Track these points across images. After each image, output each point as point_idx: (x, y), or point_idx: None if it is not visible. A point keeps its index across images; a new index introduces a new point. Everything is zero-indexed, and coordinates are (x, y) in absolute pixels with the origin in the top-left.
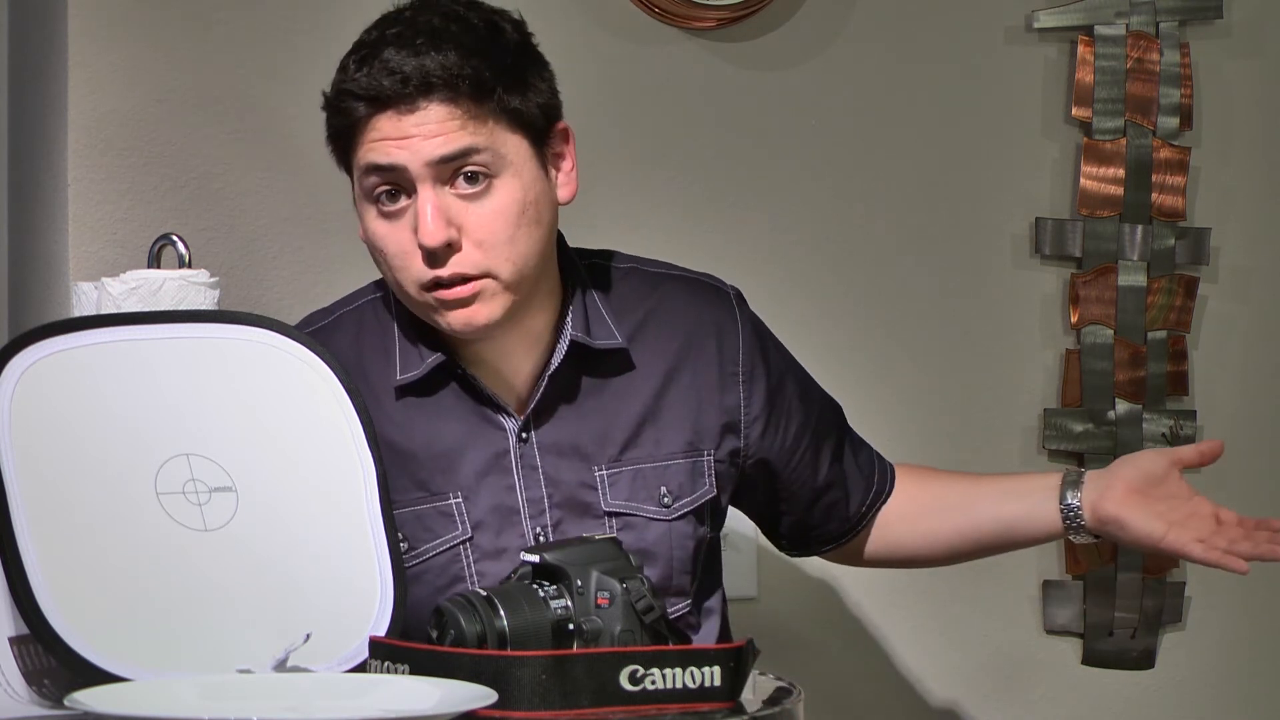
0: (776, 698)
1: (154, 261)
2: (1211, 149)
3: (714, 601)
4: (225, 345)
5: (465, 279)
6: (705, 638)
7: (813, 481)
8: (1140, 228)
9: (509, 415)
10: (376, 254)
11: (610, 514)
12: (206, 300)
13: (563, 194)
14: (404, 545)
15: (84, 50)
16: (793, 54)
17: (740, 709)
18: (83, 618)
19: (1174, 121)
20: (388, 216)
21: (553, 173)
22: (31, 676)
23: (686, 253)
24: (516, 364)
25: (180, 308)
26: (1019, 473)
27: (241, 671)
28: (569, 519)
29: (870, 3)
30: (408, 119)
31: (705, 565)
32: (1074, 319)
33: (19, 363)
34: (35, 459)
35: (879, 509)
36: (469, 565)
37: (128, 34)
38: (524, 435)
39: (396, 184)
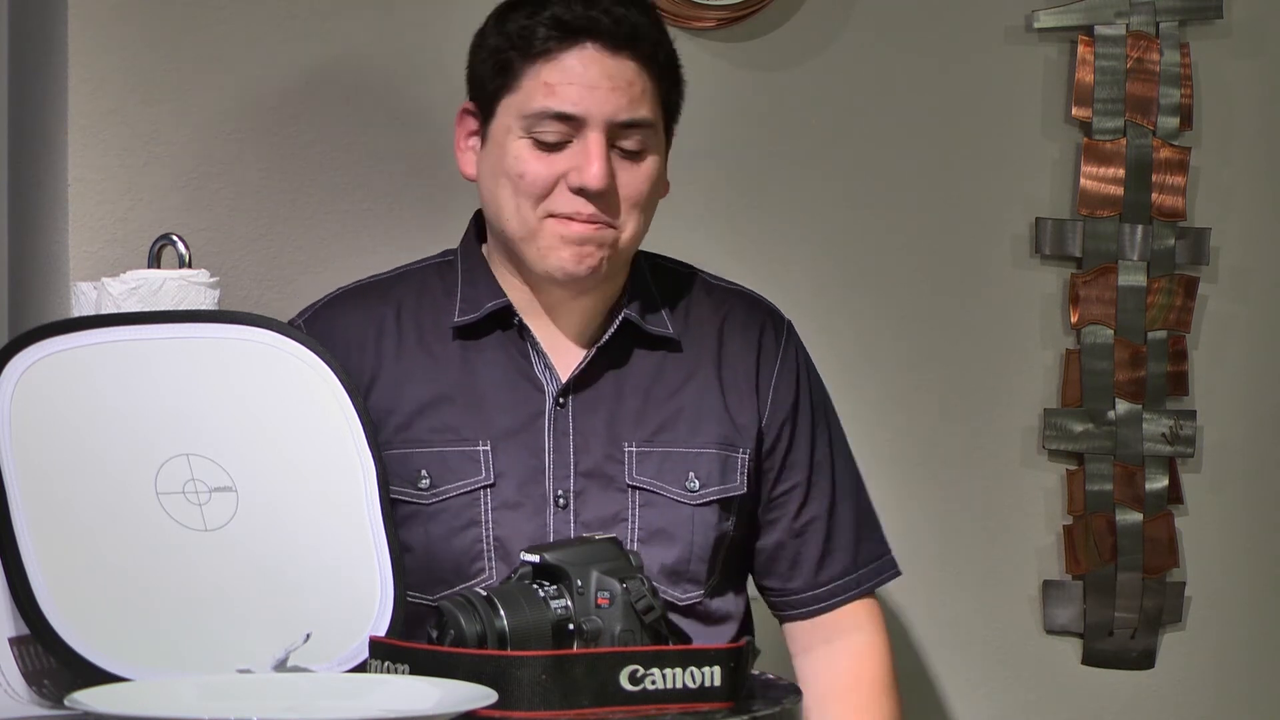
0: (776, 697)
1: (154, 261)
2: (1211, 149)
3: (733, 606)
4: (225, 345)
5: (598, 222)
6: (716, 637)
7: (791, 520)
8: (1140, 228)
9: (552, 378)
10: (511, 180)
11: (633, 488)
12: (206, 300)
13: (661, 191)
14: (426, 482)
15: (84, 50)
16: (793, 54)
17: (740, 709)
18: (83, 618)
19: (1174, 121)
20: (542, 149)
21: None
22: (31, 676)
23: (685, 251)
24: (571, 331)
25: (180, 308)
26: None
27: (241, 671)
28: (592, 488)
29: (870, 3)
30: (602, 64)
31: (729, 565)
32: (1074, 319)
33: (19, 363)
34: (35, 459)
35: (846, 600)
36: (486, 510)
37: (128, 34)
38: (561, 401)
39: (564, 128)
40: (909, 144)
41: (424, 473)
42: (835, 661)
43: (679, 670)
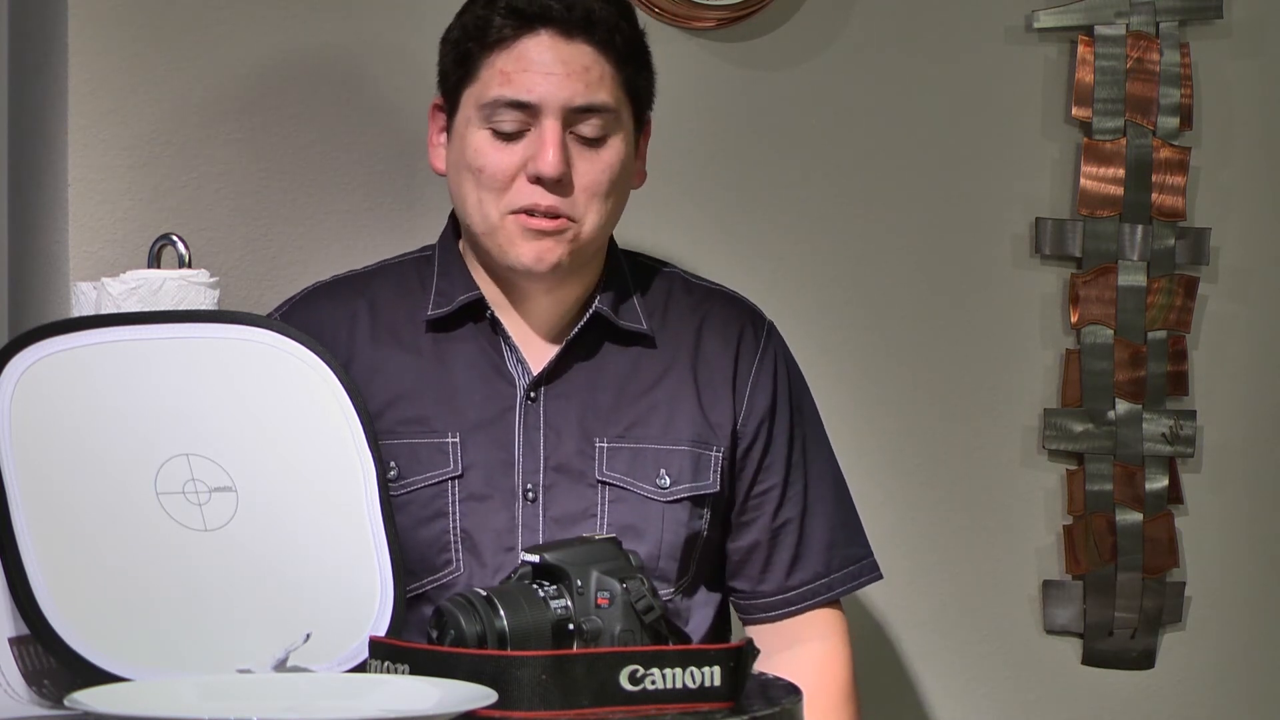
0: (776, 698)
1: (154, 261)
2: (1211, 149)
3: (705, 606)
4: (225, 345)
5: (557, 215)
6: (694, 629)
7: (767, 522)
8: (1140, 228)
9: (523, 372)
10: (472, 173)
11: (603, 483)
12: (206, 300)
13: (635, 180)
14: (393, 474)
15: (84, 50)
16: (793, 54)
17: (740, 709)
18: (83, 618)
19: (1174, 121)
20: (501, 139)
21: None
22: (31, 676)
23: (685, 252)
24: (544, 325)
25: (180, 308)
26: None
27: (241, 671)
28: (562, 482)
29: (870, 3)
30: (556, 50)
31: (703, 565)
32: (1074, 319)
33: (19, 363)
34: (35, 459)
35: (814, 605)
36: (453, 502)
37: (128, 34)
38: (533, 395)
39: (521, 117)
40: (909, 144)
41: (393, 464)
42: (797, 668)
43: (679, 670)
